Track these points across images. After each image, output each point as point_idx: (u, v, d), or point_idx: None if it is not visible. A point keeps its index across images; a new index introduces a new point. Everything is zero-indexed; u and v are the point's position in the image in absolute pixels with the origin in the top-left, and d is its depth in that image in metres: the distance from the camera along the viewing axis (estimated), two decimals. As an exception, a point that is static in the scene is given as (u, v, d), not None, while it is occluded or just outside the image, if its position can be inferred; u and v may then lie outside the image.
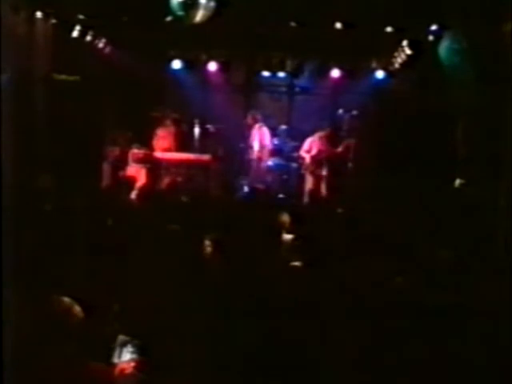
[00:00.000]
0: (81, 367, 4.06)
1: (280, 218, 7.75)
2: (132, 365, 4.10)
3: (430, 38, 11.35)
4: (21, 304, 3.79)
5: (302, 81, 14.04)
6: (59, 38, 11.62)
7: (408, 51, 11.90)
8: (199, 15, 8.85)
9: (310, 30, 11.44)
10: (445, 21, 10.66)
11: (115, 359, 4.15)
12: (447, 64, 11.16)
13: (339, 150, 12.43)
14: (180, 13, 8.91)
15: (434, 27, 10.99)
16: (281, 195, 12.67)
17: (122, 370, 4.10)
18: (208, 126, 13.52)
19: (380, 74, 13.50)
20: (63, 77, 12.08)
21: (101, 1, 10.93)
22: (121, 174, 12.64)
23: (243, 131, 13.57)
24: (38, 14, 11.08)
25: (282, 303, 5.48)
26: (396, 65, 12.92)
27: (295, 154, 13.25)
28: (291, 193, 12.77)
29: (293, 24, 11.10)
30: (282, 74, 13.89)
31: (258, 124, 13.17)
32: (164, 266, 6.17)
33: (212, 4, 8.80)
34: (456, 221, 8.50)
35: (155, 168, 12.69)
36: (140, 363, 4.10)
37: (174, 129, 13.35)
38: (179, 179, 12.50)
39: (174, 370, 4.36)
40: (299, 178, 13.02)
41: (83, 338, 4.39)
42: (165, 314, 5.21)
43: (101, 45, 12.91)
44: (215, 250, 6.49)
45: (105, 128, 13.31)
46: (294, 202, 12.04)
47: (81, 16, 11.58)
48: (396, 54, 12.62)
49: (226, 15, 9.27)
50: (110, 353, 4.18)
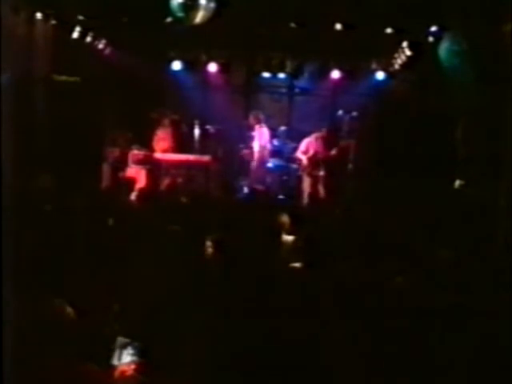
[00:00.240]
0: (81, 367, 4.07)
1: (280, 219, 7.74)
2: (132, 367, 4.10)
3: (430, 39, 11.35)
4: (21, 304, 3.79)
5: (301, 82, 14.01)
6: (59, 38, 11.63)
7: (408, 52, 11.90)
8: (199, 16, 8.85)
9: (310, 30, 11.43)
10: (445, 22, 10.67)
11: (115, 361, 4.16)
12: (447, 65, 11.16)
13: (333, 152, 12.26)
14: (180, 14, 8.90)
15: (433, 28, 10.99)
16: (280, 196, 12.65)
17: (123, 372, 4.10)
18: (208, 126, 13.49)
19: (380, 75, 13.49)
20: (63, 78, 12.10)
21: (101, 2, 10.94)
22: (121, 174, 12.62)
23: (243, 132, 13.57)
24: (38, 15, 11.08)
25: (282, 303, 5.49)
26: (396, 66, 12.92)
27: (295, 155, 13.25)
28: (291, 194, 12.75)
29: (293, 25, 11.11)
30: (281, 74, 13.87)
31: (259, 124, 13.15)
32: (164, 267, 6.18)
33: (212, 5, 8.79)
34: (456, 221, 8.49)
35: (155, 169, 12.66)
36: (140, 365, 4.10)
37: (173, 130, 13.32)
38: (179, 180, 12.48)
39: (174, 372, 4.36)
40: (299, 179, 12.99)
41: (82, 339, 4.39)
42: (165, 314, 5.22)
43: (101, 46, 12.92)
44: (215, 251, 6.49)
45: (105, 129, 13.29)
46: (293, 202, 12.02)
47: (81, 17, 11.58)
48: (396, 55, 12.62)
49: (226, 16, 9.27)
50: (109, 354, 4.18)
